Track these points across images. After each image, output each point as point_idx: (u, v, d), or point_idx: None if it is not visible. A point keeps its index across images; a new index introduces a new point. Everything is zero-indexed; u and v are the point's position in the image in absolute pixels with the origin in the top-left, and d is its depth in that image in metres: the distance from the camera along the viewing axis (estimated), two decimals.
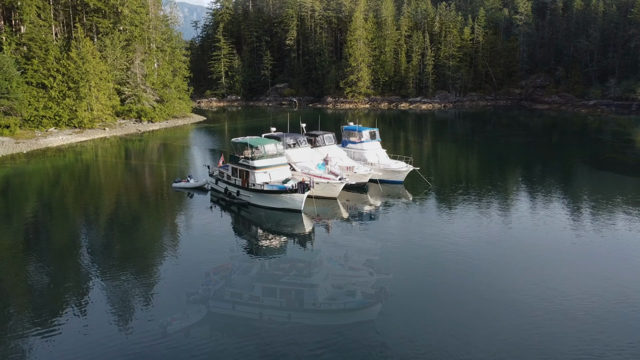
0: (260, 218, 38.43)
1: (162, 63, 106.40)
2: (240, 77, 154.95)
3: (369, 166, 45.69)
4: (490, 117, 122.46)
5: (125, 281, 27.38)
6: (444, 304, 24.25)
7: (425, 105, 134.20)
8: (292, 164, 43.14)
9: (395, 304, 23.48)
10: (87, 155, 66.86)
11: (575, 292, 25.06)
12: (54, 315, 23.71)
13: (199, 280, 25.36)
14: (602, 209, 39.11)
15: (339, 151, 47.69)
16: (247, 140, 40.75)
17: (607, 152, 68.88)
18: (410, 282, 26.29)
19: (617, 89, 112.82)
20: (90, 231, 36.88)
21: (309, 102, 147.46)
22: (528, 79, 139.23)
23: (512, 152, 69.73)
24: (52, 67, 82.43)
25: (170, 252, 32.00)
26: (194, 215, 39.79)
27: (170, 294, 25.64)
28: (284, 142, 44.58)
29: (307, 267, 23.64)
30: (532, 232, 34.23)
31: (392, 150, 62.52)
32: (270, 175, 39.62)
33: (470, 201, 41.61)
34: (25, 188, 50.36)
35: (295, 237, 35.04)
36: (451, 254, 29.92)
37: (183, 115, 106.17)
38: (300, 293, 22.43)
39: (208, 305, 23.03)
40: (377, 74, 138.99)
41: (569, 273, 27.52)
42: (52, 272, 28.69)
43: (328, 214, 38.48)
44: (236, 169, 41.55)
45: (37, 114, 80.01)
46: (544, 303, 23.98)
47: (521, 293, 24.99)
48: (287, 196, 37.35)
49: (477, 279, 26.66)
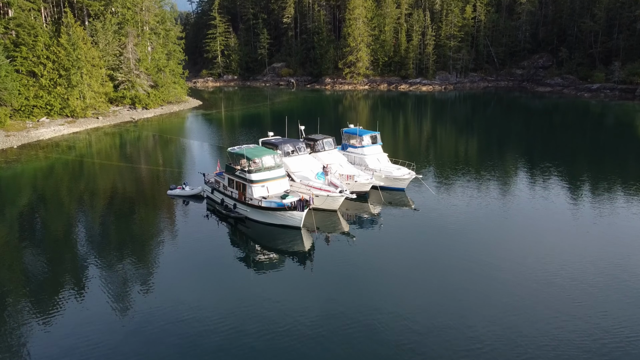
0: (257, 232, 37.17)
1: (155, 46, 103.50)
2: (236, 56, 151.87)
3: (370, 173, 44.18)
4: (491, 98, 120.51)
5: (115, 297, 27.24)
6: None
7: (425, 87, 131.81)
8: (291, 174, 41.63)
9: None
10: (79, 152, 64.60)
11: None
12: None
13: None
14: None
15: (339, 157, 46.10)
16: (243, 152, 39.07)
17: (609, 139, 67.69)
18: (421, 315, 25.20)
19: (622, 73, 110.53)
20: (79, 242, 35.91)
21: (306, 82, 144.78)
22: (530, 59, 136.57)
23: (515, 148, 68.16)
24: (42, 54, 79.75)
25: (164, 265, 31.72)
26: (190, 226, 38.56)
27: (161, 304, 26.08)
28: (282, 149, 43.01)
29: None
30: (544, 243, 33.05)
31: (391, 143, 60.94)
32: (268, 189, 38.14)
33: (476, 212, 40.19)
34: (12, 196, 48.85)
35: (293, 254, 33.87)
36: (460, 276, 28.75)
37: (178, 100, 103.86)
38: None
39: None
40: (377, 54, 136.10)
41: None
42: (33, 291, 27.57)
43: (328, 227, 37.21)
44: (232, 180, 40.04)
45: (27, 104, 77.87)
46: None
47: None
48: (286, 213, 35.98)
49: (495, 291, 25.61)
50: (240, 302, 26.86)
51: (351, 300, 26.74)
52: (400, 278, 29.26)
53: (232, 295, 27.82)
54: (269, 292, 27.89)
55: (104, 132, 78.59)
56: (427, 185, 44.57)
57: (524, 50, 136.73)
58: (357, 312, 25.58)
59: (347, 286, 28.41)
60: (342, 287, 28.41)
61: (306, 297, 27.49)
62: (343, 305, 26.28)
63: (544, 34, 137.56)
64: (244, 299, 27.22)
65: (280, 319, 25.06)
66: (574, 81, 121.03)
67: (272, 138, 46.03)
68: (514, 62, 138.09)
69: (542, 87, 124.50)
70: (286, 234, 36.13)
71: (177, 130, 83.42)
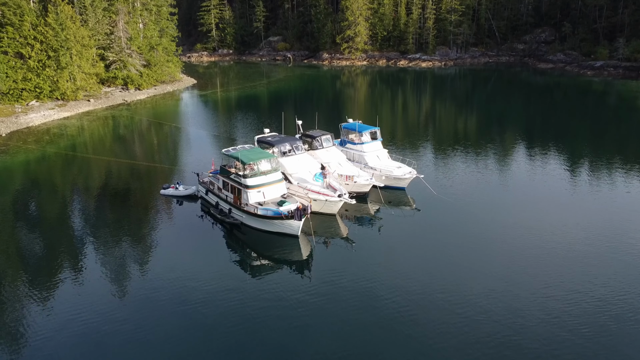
0: (253, 237, 36.01)
1: (147, 23, 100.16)
2: (231, 29, 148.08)
3: (370, 173, 42.70)
4: (491, 75, 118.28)
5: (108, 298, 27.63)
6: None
7: (424, 62, 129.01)
8: (288, 175, 40.14)
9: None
10: (69, 142, 62.14)
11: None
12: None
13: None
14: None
15: (338, 154, 44.46)
16: (238, 155, 37.41)
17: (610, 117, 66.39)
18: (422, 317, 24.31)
19: (626, 49, 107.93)
20: (69, 242, 35.12)
21: (303, 57, 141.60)
22: (533, 33, 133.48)
23: (517, 133, 66.65)
24: (29, 34, 76.80)
25: (156, 268, 31.44)
26: (183, 229, 37.29)
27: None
28: (278, 148, 41.41)
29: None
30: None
31: (389, 125, 59.42)
32: (264, 194, 36.74)
33: (477, 212, 38.90)
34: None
35: (289, 262, 32.83)
36: (463, 283, 27.73)
37: (172, 79, 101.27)
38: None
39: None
40: (375, 28, 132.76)
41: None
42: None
43: (326, 232, 36.02)
44: (227, 183, 38.58)
45: (15, 87, 75.52)
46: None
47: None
48: (283, 221, 34.65)
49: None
50: (236, 309, 26.73)
51: (351, 312, 26.27)
52: (399, 289, 28.19)
53: (229, 301, 27.56)
54: (265, 300, 27.52)
55: (95, 116, 76.44)
56: (428, 184, 43.06)
57: (526, 24, 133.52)
58: (359, 325, 25.15)
59: (345, 298, 27.61)
60: (340, 297, 27.68)
61: (303, 306, 27.01)
62: (342, 318, 25.77)
63: (547, 8, 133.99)
64: (241, 305, 27.07)
65: (277, 328, 25.02)
66: (576, 57, 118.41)
67: (268, 135, 44.36)
68: (515, 37, 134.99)
69: (544, 64, 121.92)
70: (283, 239, 34.99)
71: (171, 115, 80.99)
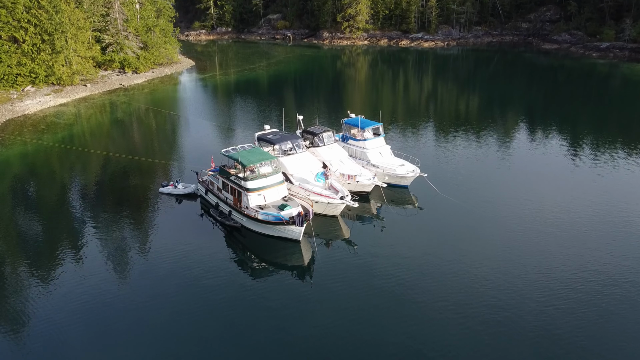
0: (253, 239, 35.41)
1: (144, 3, 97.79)
2: (230, 6, 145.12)
3: (372, 172, 41.81)
4: (494, 54, 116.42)
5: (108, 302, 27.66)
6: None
7: (427, 42, 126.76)
8: (288, 176, 39.32)
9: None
10: (65, 133, 60.78)
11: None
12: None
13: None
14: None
15: (340, 152, 43.46)
16: (238, 157, 36.49)
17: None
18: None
19: (633, 30, 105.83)
20: (65, 244, 34.79)
21: (303, 36, 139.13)
22: (537, 11, 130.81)
23: (520, 120, 65.71)
24: (23, 17, 74.85)
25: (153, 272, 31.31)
26: (182, 230, 36.60)
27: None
28: (279, 147, 40.47)
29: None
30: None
31: (390, 119, 58.37)
32: (265, 197, 35.96)
33: (481, 212, 38.22)
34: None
35: (291, 267, 32.36)
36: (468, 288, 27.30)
37: (170, 61, 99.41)
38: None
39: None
40: (377, 6, 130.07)
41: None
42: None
43: (328, 234, 35.43)
44: (227, 184, 37.79)
45: (10, 72, 74.03)
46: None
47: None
48: (284, 226, 33.97)
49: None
50: (236, 313, 26.84)
51: (354, 319, 26.28)
52: (401, 297, 27.81)
53: (228, 304, 27.67)
54: (265, 305, 27.50)
55: (92, 102, 75.04)
56: (431, 181, 42.19)
57: (531, 2, 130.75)
58: (361, 329, 25.23)
59: (345, 306, 27.33)
60: (343, 303, 27.52)
61: (305, 311, 27.02)
62: (343, 323, 25.76)
63: None
64: (240, 309, 27.14)
65: (277, 333, 25.12)
66: (582, 38, 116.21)
67: (268, 133, 43.33)
68: (519, 15, 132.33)
69: (548, 44, 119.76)
70: (284, 242, 34.42)
71: (169, 101, 79.18)
